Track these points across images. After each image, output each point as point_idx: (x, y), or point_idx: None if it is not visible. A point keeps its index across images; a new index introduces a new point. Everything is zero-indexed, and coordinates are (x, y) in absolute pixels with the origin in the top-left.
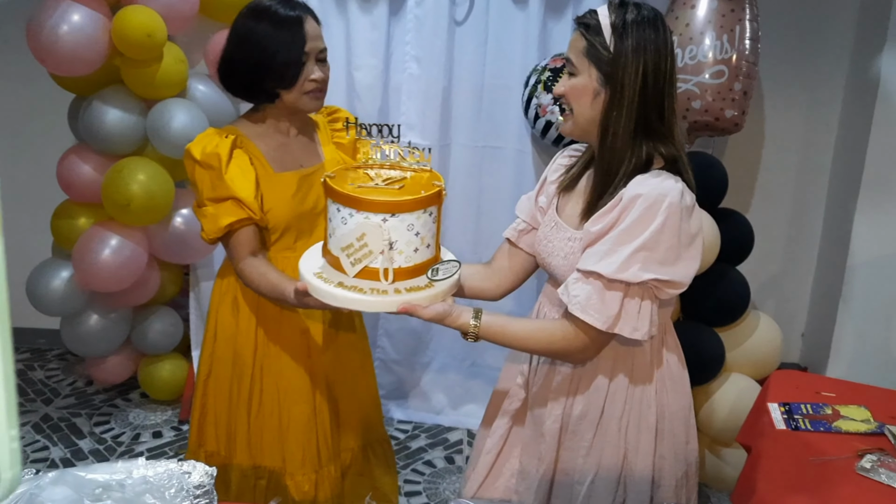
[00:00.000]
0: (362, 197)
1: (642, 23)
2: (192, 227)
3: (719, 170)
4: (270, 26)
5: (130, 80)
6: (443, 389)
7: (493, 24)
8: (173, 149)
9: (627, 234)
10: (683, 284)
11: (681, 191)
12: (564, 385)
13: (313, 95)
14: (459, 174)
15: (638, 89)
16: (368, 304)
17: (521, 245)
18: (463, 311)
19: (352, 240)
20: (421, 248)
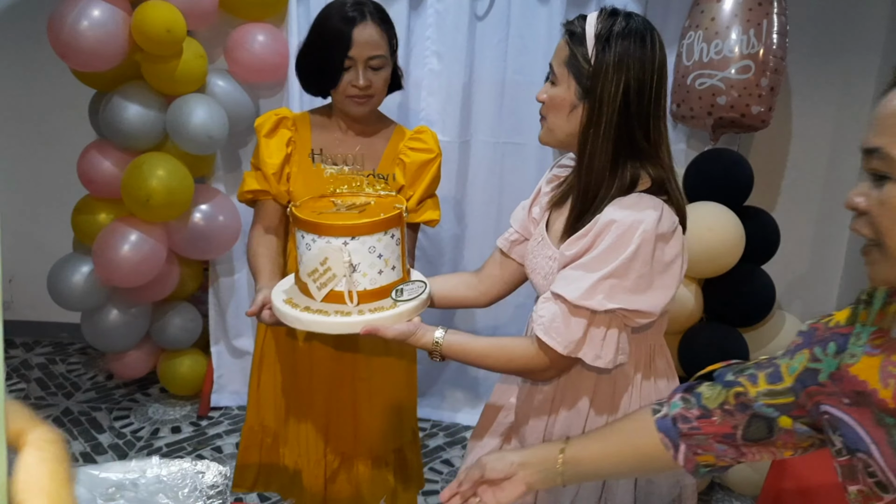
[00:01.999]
0: (322, 222)
1: (628, 35)
2: (211, 224)
3: (745, 167)
4: (326, 25)
5: (150, 75)
6: (461, 387)
7: (514, 19)
8: (193, 144)
9: (598, 260)
10: (653, 314)
11: (657, 217)
12: (545, 405)
13: (355, 101)
14: (480, 170)
15: (618, 107)
16: (331, 325)
17: (513, 255)
18: (427, 331)
19: (316, 264)
20: (385, 271)
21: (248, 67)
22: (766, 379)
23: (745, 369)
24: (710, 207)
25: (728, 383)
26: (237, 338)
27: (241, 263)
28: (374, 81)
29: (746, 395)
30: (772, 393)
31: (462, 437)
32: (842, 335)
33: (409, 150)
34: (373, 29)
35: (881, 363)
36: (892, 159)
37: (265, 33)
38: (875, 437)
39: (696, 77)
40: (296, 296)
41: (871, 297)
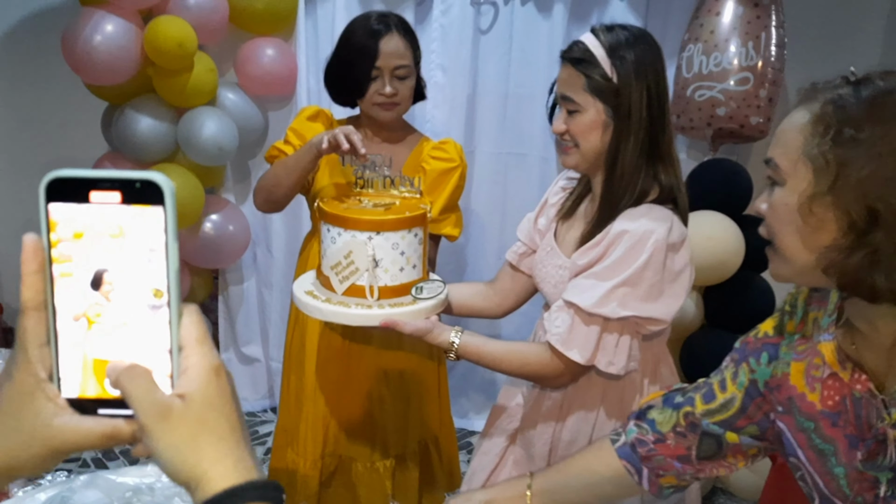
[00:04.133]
0: (349, 216)
1: (636, 42)
2: (221, 233)
3: (744, 177)
4: (353, 38)
5: (162, 88)
6: (469, 392)
7: (517, 33)
8: (203, 156)
9: (611, 269)
10: (665, 321)
11: (669, 227)
12: (554, 410)
13: (382, 108)
14: (484, 181)
15: (644, 113)
16: (351, 317)
17: (522, 268)
18: (444, 330)
19: (340, 258)
20: (407, 268)
21: (258, 81)
22: (702, 399)
23: (687, 392)
24: (710, 217)
25: (677, 405)
26: (246, 345)
27: (251, 272)
28: (399, 90)
29: (694, 415)
30: (709, 412)
31: (468, 442)
32: (773, 345)
33: (431, 158)
34: (398, 40)
35: (805, 367)
36: (779, 168)
37: (274, 47)
38: (799, 441)
39: (696, 89)
40: (318, 289)
41: (794, 307)
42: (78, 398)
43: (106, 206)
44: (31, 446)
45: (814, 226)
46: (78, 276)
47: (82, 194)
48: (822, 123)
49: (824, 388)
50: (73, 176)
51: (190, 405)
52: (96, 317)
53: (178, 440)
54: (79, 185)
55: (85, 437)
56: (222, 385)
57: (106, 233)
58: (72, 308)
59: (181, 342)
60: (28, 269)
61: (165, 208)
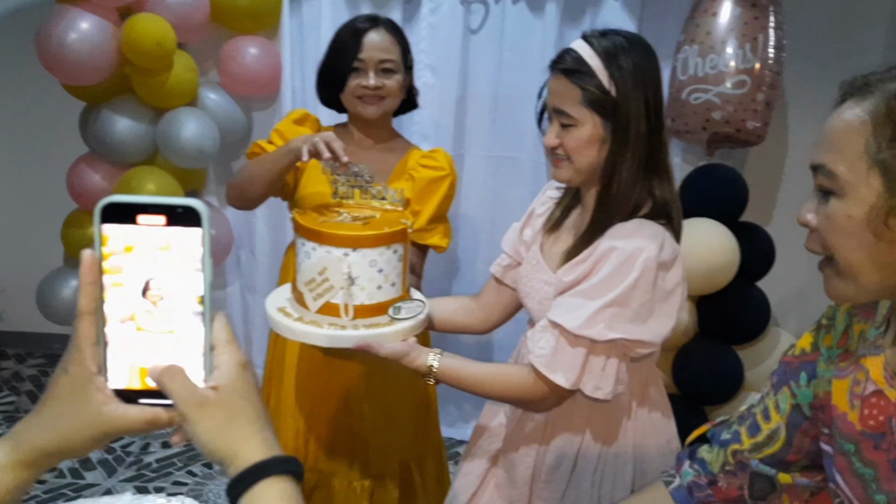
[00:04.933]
0: (324, 230)
1: (632, 49)
2: None
3: (740, 183)
4: (338, 36)
5: (141, 88)
6: (454, 401)
7: (508, 33)
8: (183, 158)
9: (598, 288)
10: (654, 344)
11: (660, 245)
12: (537, 433)
13: (366, 101)
14: (474, 185)
15: (643, 126)
16: (323, 338)
17: (507, 281)
18: (422, 353)
19: (314, 274)
20: (385, 286)
21: (241, 80)
22: (747, 433)
23: (732, 425)
24: (704, 224)
25: (724, 442)
26: None
27: (234, 276)
28: (385, 83)
29: (742, 453)
30: (756, 446)
31: (455, 451)
32: (810, 363)
33: (420, 166)
34: (384, 35)
35: (849, 385)
36: (835, 176)
37: (257, 46)
38: (839, 466)
39: (692, 92)
40: (291, 305)
41: (832, 320)
42: (123, 389)
43: (152, 228)
44: (83, 430)
45: (890, 240)
46: (128, 284)
47: (131, 217)
48: (889, 123)
49: (865, 407)
50: (124, 202)
51: (222, 395)
52: (144, 319)
53: (213, 425)
54: (129, 210)
55: (130, 422)
56: (249, 378)
57: (154, 246)
58: (121, 312)
59: (213, 342)
60: (85, 280)
61: (203, 229)
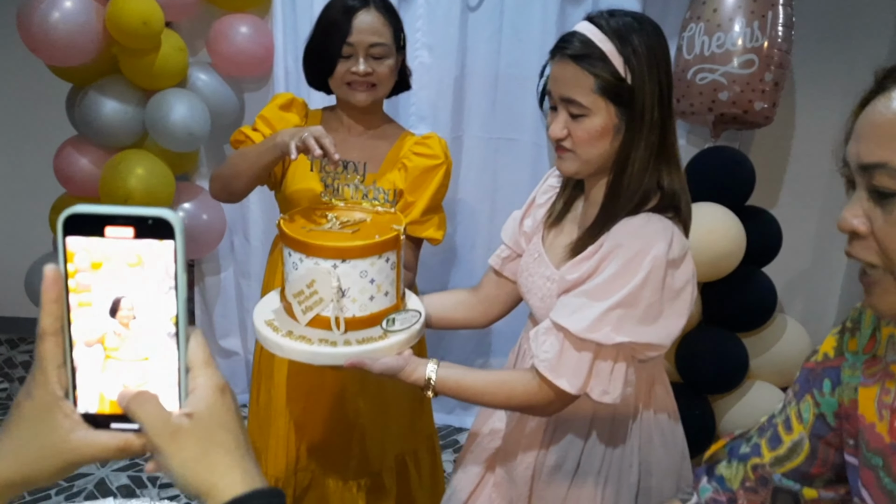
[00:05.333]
0: (311, 242)
1: (642, 30)
2: (195, 222)
3: (746, 167)
4: (327, 14)
5: (128, 69)
6: None
7: (508, 10)
8: (173, 141)
9: (604, 288)
10: (664, 346)
11: (669, 241)
12: (538, 433)
13: (355, 88)
14: (473, 167)
15: (657, 112)
16: (314, 355)
17: (506, 273)
18: (419, 366)
19: (302, 286)
20: (377, 297)
21: (232, 60)
22: (768, 445)
23: (751, 438)
24: (710, 209)
25: (743, 456)
26: (224, 337)
27: (228, 262)
28: (376, 69)
29: (763, 467)
30: (778, 460)
31: (454, 439)
32: (834, 369)
33: (413, 154)
34: (375, 16)
35: (877, 394)
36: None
37: (249, 25)
38: (865, 480)
39: (697, 71)
40: (279, 317)
41: (858, 324)
42: (92, 413)
43: (120, 241)
44: (49, 458)
45: None
46: (96, 303)
47: (98, 229)
48: None
49: (895, 418)
50: (89, 213)
51: (198, 423)
52: (114, 341)
53: (188, 457)
54: (94, 221)
55: (100, 450)
56: (227, 403)
57: (124, 261)
58: (89, 333)
59: (189, 364)
60: (48, 298)
61: (176, 242)
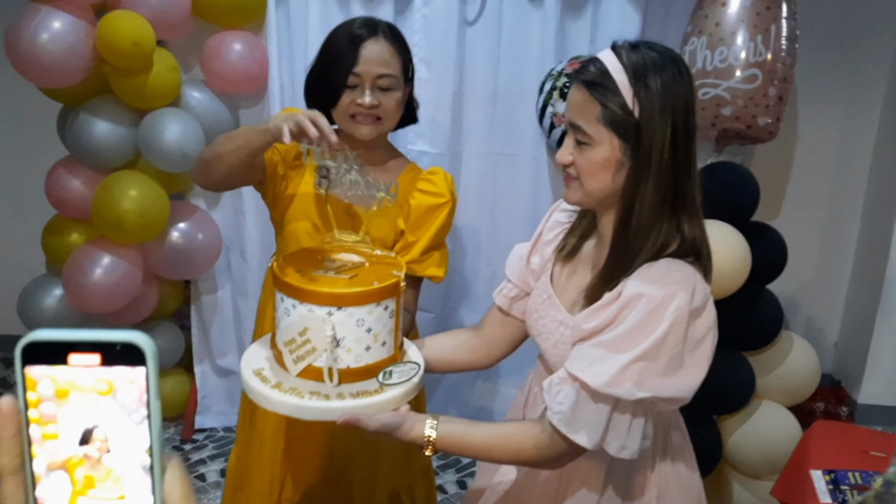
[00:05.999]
0: (305, 287)
1: (664, 68)
2: (190, 242)
3: (751, 183)
4: (333, 42)
5: (120, 89)
6: (455, 407)
7: (506, 24)
8: (167, 162)
9: (624, 340)
10: (686, 399)
11: (692, 291)
12: (552, 486)
13: (359, 121)
14: (472, 183)
15: (668, 154)
16: (304, 410)
17: (514, 313)
18: (417, 422)
19: (294, 334)
20: (374, 347)
21: (226, 78)
22: None
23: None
24: (714, 227)
25: None
26: (222, 356)
27: (225, 279)
28: (382, 102)
29: None
30: None
31: (455, 459)
32: None
33: (417, 191)
34: (383, 46)
35: None
36: None
37: (242, 41)
38: None
39: (700, 86)
40: (269, 366)
41: None
42: None
43: (86, 369)
44: None
45: None
46: (63, 435)
47: (60, 357)
48: None
49: None
50: (50, 339)
51: None
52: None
53: None
54: (56, 349)
55: None
56: None
57: (92, 389)
58: (55, 468)
59: (164, 499)
60: (5, 434)
61: (147, 369)
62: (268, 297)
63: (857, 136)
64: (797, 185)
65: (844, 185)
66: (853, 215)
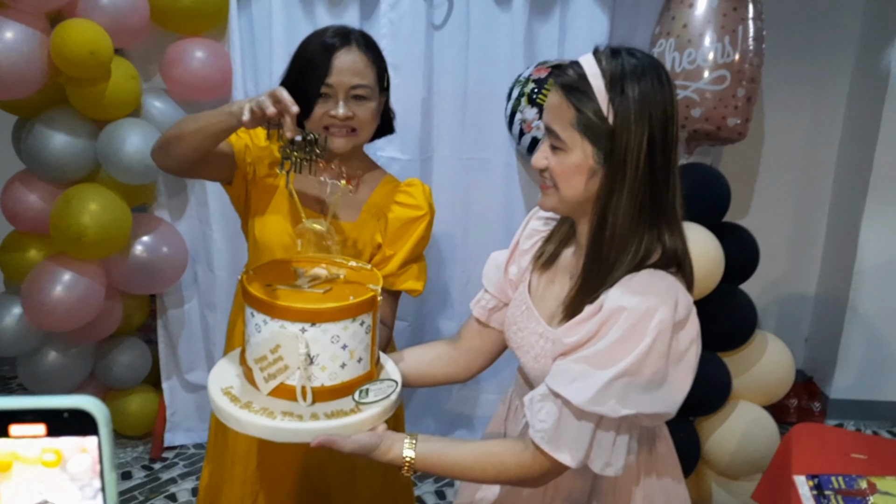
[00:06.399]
0: (276, 303)
1: (643, 75)
2: (155, 256)
3: (722, 184)
4: (305, 51)
5: (77, 99)
6: (432, 415)
7: (474, 28)
8: (128, 174)
9: (607, 355)
10: (670, 414)
11: (674, 303)
12: (536, 498)
13: (334, 133)
14: (443, 189)
15: (643, 163)
16: (276, 432)
17: (493, 324)
18: (394, 442)
19: (265, 351)
20: (349, 364)
21: (188, 86)
22: None
23: None
24: (688, 229)
25: None
26: (190, 371)
27: (192, 292)
28: (357, 113)
29: None
30: None
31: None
32: None
33: (395, 203)
34: (357, 55)
35: None
36: None
37: (204, 48)
38: None
39: None
40: (238, 385)
41: None
42: None
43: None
44: None
45: None
46: None
47: (1, 428)
48: None
49: None
50: None
51: None
52: None
53: None
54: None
55: None
56: None
57: (38, 461)
58: None
59: None
60: None
61: (100, 437)
62: (238, 309)
63: (822, 134)
64: (764, 183)
65: (811, 182)
66: (820, 212)
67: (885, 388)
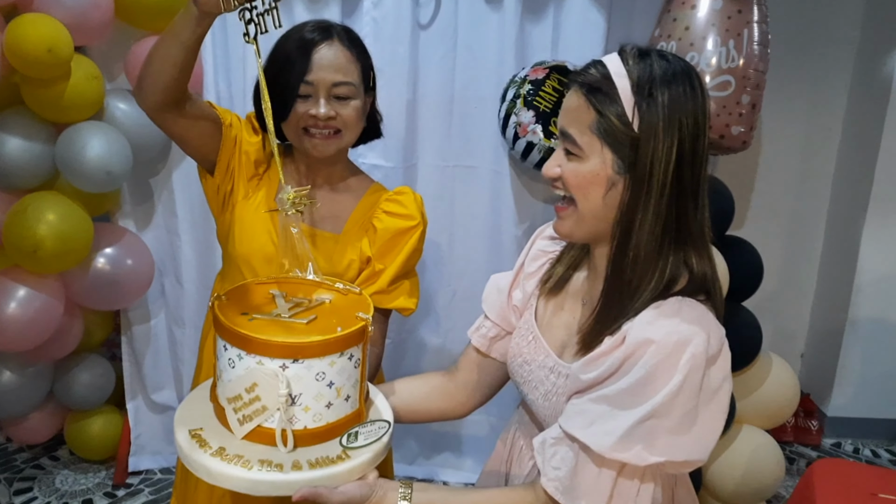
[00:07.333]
0: (253, 336)
1: (674, 80)
2: (118, 269)
3: (725, 194)
4: (283, 48)
5: (33, 101)
6: (414, 436)
7: (462, 28)
8: (89, 182)
9: (632, 394)
10: (701, 461)
11: (707, 332)
12: None
13: (314, 135)
14: (428, 198)
15: (671, 179)
16: (251, 484)
17: (494, 355)
18: (388, 492)
19: (240, 390)
20: (336, 403)
21: None
22: None
23: None
24: None
25: None
26: (157, 391)
27: (158, 307)
28: (340, 113)
29: None
30: None
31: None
32: None
33: (384, 213)
34: (338, 51)
35: None
36: None
37: None
38: None
39: None
40: (209, 426)
41: None
42: None
43: None
44: None
45: None
46: None
47: None
48: None
49: None
50: None
51: None
52: None
53: None
54: None
55: None
56: None
57: None
58: None
59: None
60: None
61: None
62: (210, 326)
63: (819, 140)
64: (761, 194)
65: (808, 193)
66: (818, 224)
67: (885, 406)
